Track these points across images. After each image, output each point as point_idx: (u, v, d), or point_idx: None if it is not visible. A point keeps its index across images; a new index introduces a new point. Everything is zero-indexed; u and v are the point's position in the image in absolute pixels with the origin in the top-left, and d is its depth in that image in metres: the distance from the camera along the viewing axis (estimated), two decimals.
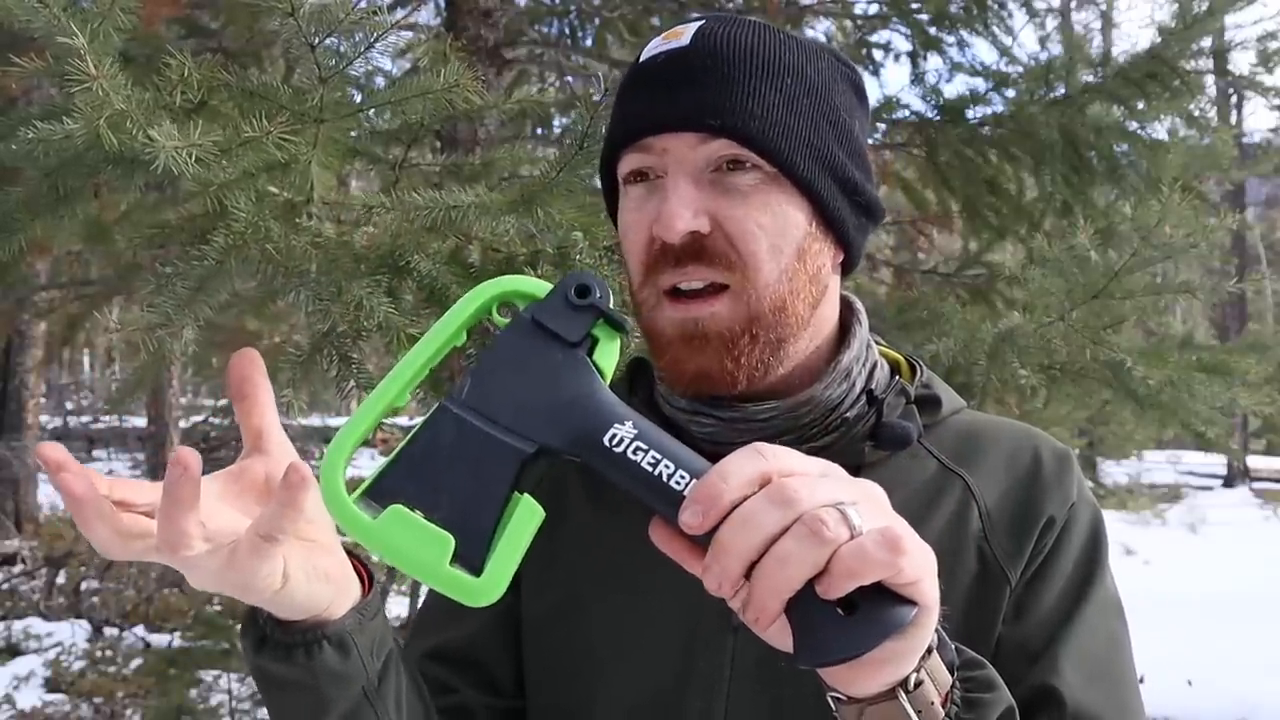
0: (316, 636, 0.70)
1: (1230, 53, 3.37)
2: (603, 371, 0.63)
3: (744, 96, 0.82)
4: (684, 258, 0.81)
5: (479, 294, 0.64)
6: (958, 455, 0.91)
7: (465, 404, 0.60)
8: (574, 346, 0.62)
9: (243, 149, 1.25)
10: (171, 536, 0.58)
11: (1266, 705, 5.32)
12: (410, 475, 0.59)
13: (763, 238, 0.82)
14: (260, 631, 0.72)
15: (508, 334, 0.62)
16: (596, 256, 1.47)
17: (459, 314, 0.63)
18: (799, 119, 0.84)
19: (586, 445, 0.60)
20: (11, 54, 1.33)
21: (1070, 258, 2.52)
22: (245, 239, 1.25)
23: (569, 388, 0.61)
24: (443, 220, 1.38)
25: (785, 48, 0.86)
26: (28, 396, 9.30)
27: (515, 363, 0.61)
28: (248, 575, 0.62)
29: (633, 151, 0.85)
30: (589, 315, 0.62)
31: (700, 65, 0.83)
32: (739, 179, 0.82)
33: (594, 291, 0.63)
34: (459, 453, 0.59)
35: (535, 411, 0.60)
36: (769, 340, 0.84)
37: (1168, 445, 14.05)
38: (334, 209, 1.44)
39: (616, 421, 0.60)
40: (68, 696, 5.23)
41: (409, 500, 0.58)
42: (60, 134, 1.14)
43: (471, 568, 0.58)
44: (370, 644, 0.74)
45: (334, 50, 1.30)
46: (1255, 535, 11.54)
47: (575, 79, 4.40)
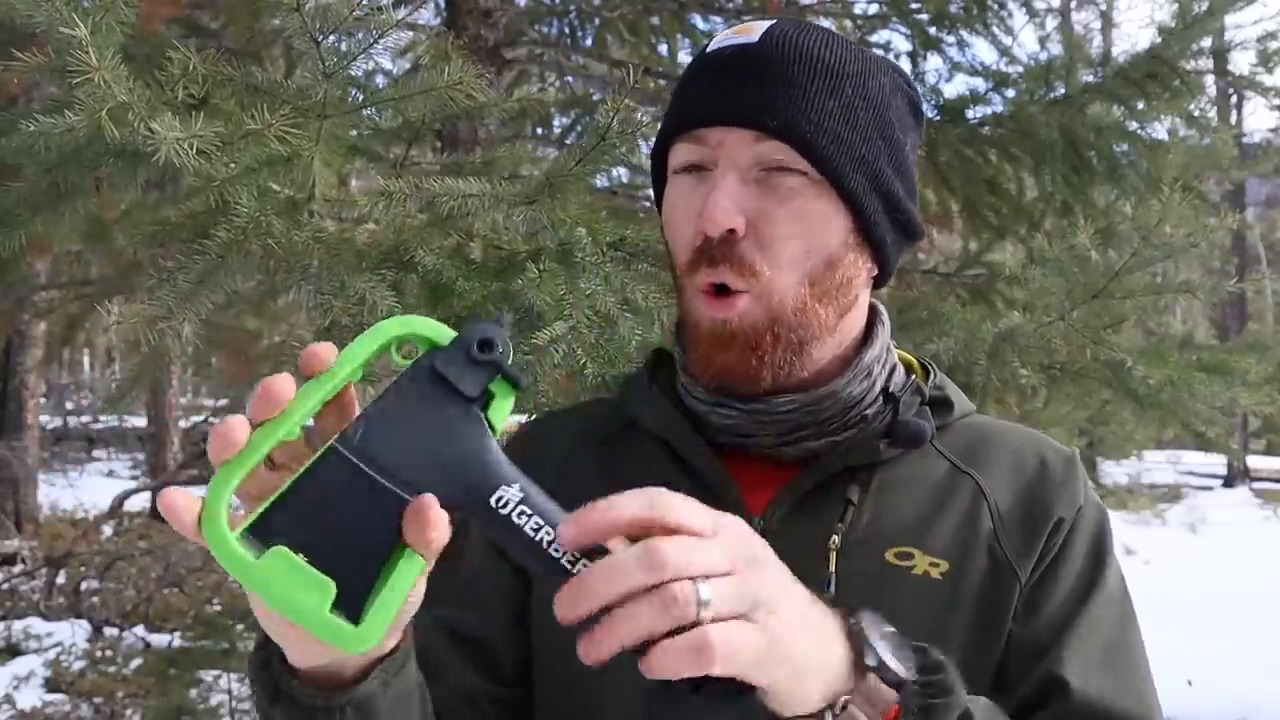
0: (340, 704, 0.67)
1: (1230, 53, 3.37)
2: (495, 428, 0.63)
3: (803, 101, 0.84)
4: (717, 256, 0.84)
5: (380, 332, 0.63)
6: (968, 456, 0.92)
7: (356, 448, 0.59)
8: (470, 401, 0.61)
9: (244, 143, 1.26)
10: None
11: (1266, 705, 5.32)
12: (295, 516, 0.58)
13: (792, 242, 0.84)
14: (273, 683, 0.69)
15: (405, 381, 0.62)
16: (599, 254, 1.47)
17: (359, 350, 0.62)
18: (853, 131, 0.85)
19: (473, 501, 0.61)
20: (12, 50, 1.33)
21: (1070, 258, 2.52)
22: (247, 235, 1.25)
23: (461, 443, 0.61)
24: (449, 214, 1.38)
25: (851, 57, 0.87)
26: (28, 396, 9.29)
27: (410, 411, 0.61)
28: (301, 636, 0.61)
29: (687, 141, 0.87)
30: (488, 370, 0.62)
31: (764, 64, 0.85)
32: (784, 180, 0.84)
33: (497, 347, 0.62)
34: (346, 497, 0.59)
35: (426, 463, 0.60)
36: (790, 341, 0.85)
37: (1168, 445, 14.07)
38: (335, 206, 1.44)
39: (504, 483, 0.61)
40: (68, 696, 5.23)
41: (292, 542, 0.57)
42: (62, 127, 1.14)
43: (351, 615, 0.58)
44: (392, 702, 0.71)
45: (337, 47, 1.31)
46: (1255, 535, 11.55)
47: (575, 79, 4.40)
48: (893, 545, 0.86)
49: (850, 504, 0.87)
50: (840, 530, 0.86)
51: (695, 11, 3.76)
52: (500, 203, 1.36)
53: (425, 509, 0.58)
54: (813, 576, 0.82)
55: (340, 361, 0.61)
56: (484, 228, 1.43)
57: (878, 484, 0.89)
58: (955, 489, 0.90)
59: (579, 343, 1.36)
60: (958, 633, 0.85)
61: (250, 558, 0.57)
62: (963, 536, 0.87)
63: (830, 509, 0.87)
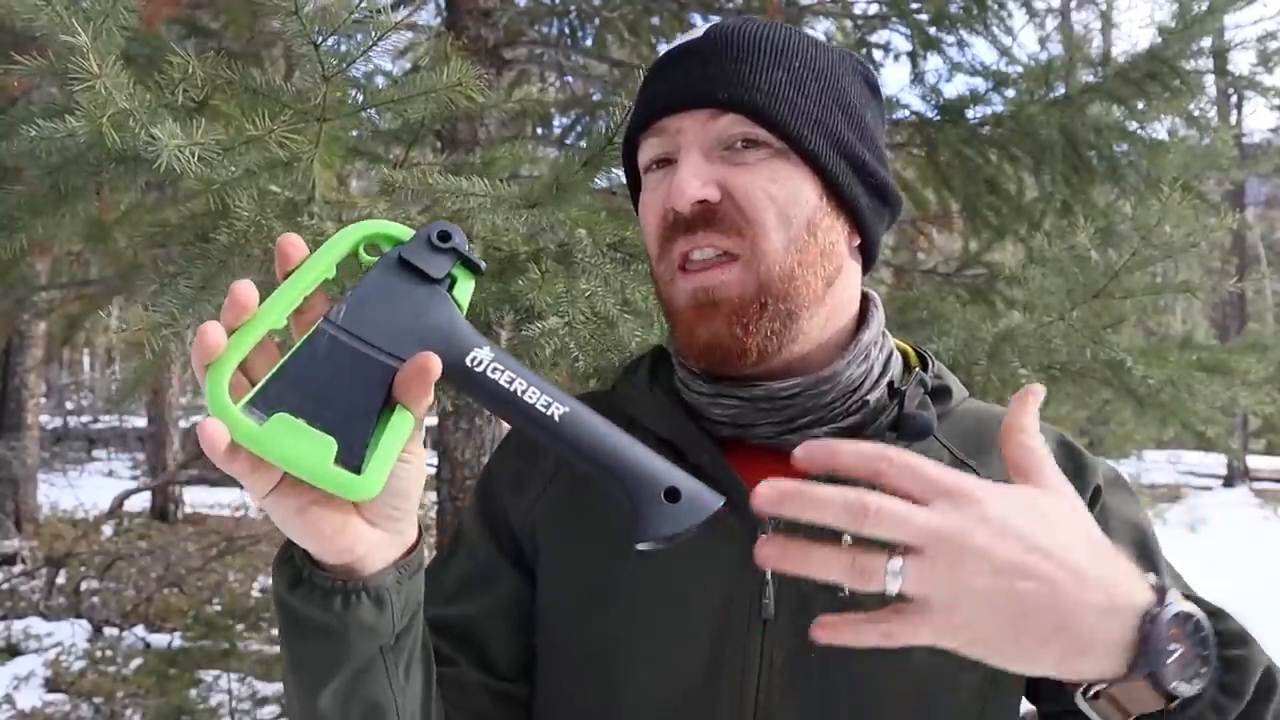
0: (357, 587, 0.70)
1: (1230, 53, 3.37)
2: (461, 306, 0.69)
3: (751, 73, 0.85)
4: (694, 225, 0.84)
5: (349, 234, 0.69)
6: (967, 447, 0.93)
7: (341, 326, 0.66)
8: (437, 283, 0.68)
9: (245, 147, 1.25)
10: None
11: None
12: (292, 386, 0.63)
13: (771, 206, 0.84)
14: (296, 570, 0.71)
15: (378, 268, 0.68)
16: (599, 255, 1.47)
17: (331, 249, 0.68)
18: (806, 98, 0.86)
19: (450, 365, 0.66)
20: (13, 53, 1.33)
21: (1070, 257, 2.52)
22: (248, 238, 1.25)
23: (433, 316, 0.68)
24: (451, 216, 1.38)
25: (793, 37, 0.89)
26: (28, 396, 9.29)
27: (385, 293, 0.67)
28: (324, 530, 0.66)
29: (650, 136, 0.89)
30: (449, 256, 0.69)
31: (710, 51, 0.87)
32: (748, 153, 0.85)
33: (454, 236, 0.69)
34: (337, 367, 0.65)
35: (404, 334, 0.66)
36: (778, 311, 0.85)
37: (1168, 445, 14.06)
38: (335, 208, 1.44)
39: (476, 346, 0.68)
40: (68, 696, 5.23)
41: (292, 409, 0.62)
42: (63, 132, 1.14)
43: (352, 468, 0.63)
44: (403, 603, 0.73)
45: (336, 50, 1.30)
46: (1255, 535, 11.54)
47: (575, 79, 4.40)
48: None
49: None
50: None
51: (695, 11, 3.76)
52: (501, 205, 1.36)
53: (428, 365, 0.64)
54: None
55: (312, 260, 0.67)
56: (483, 229, 1.43)
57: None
58: None
59: (573, 337, 1.37)
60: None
61: (255, 426, 0.61)
62: None
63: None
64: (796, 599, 0.85)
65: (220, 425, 0.60)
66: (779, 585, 0.85)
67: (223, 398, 0.61)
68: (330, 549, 0.68)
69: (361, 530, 0.68)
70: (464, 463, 3.06)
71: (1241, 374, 2.62)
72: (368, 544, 0.68)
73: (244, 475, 0.63)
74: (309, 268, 0.66)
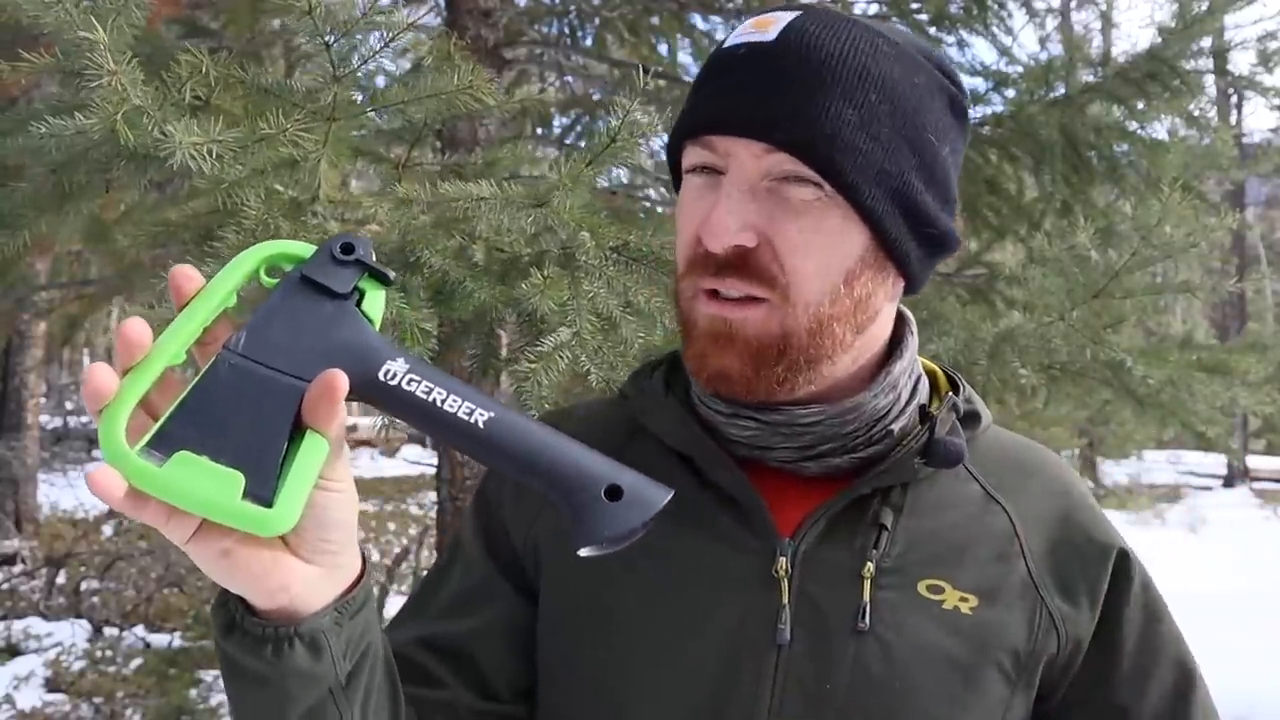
0: (288, 634, 0.66)
1: (1230, 53, 3.37)
2: (371, 320, 0.66)
3: (817, 110, 0.77)
4: (725, 269, 0.79)
5: (247, 257, 0.65)
6: (997, 480, 0.90)
7: (241, 353, 0.62)
8: (343, 298, 0.64)
9: (258, 146, 1.26)
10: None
11: (1266, 705, 5.32)
12: (192, 422, 0.59)
13: (810, 258, 0.78)
14: (229, 616, 0.68)
15: (280, 290, 0.64)
16: (602, 257, 1.47)
17: (229, 276, 0.64)
18: (874, 141, 0.78)
19: (361, 381, 0.63)
20: (19, 50, 1.33)
21: (1070, 257, 2.53)
22: (255, 237, 1.25)
23: (341, 333, 0.64)
24: (456, 216, 1.38)
25: (879, 57, 0.79)
26: (28, 396, 9.28)
27: (288, 314, 0.63)
28: (251, 571, 0.62)
29: (696, 145, 0.82)
30: (355, 269, 0.65)
31: (778, 68, 0.78)
32: (796, 192, 0.78)
33: (357, 249, 0.65)
34: (239, 396, 0.61)
35: (309, 355, 0.62)
36: (797, 361, 0.81)
37: (1168, 445, 14.08)
38: (339, 207, 1.44)
39: (389, 359, 0.64)
40: (68, 696, 5.23)
41: (193, 446, 0.59)
42: (72, 129, 1.14)
43: (262, 501, 0.59)
44: (345, 645, 0.69)
45: (346, 49, 1.30)
46: (1255, 535, 11.54)
47: (575, 79, 4.40)
48: (924, 577, 0.84)
49: (884, 529, 0.84)
50: (874, 557, 0.83)
51: (695, 11, 3.76)
52: (509, 205, 1.36)
53: (333, 382, 0.60)
54: (846, 604, 0.82)
55: (210, 288, 0.63)
56: (487, 230, 1.43)
57: (909, 507, 0.86)
58: (986, 518, 0.87)
59: (582, 348, 1.36)
60: (986, 669, 0.83)
61: (154, 467, 0.58)
62: (993, 572, 0.85)
63: (862, 533, 0.84)
64: (815, 625, 0.82)
65: (112, 473, 0.56)
66: (796, 610, 0.82)
67: (117, 442, 0.57)
68: (261, 590, 0.64)
69: (294, 568, 0.64)
70: (464, 462, 3.06)
71: (1241, 374, 2.62)
72: (302, 582, 0.64)
73: (159, 523, 0.59)
74: (207, 296, 0.62)
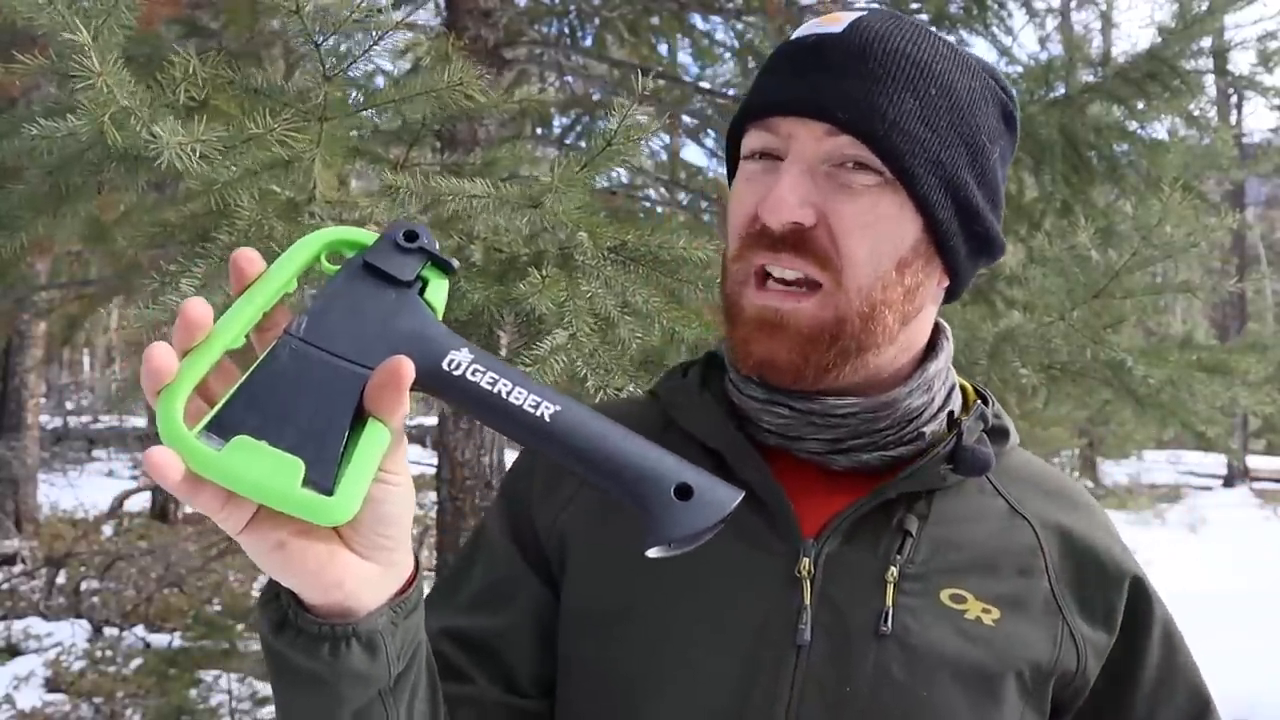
0: (346, 633, 0.64)
1: (1230, 53, 3.37)
2: (434, 309, 0.64)
3: (880, 96, 0.80)
4: (782, 245, 0.80)
5: (310, 242, 0.64)
6: (1021, 497, 0.90)
7: (303, 338, 0.60)
8: (406, 286, 0.63)
9: (246, 146, 1.25)
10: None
11: (1266, 705, 5.32)
12: (252, 407, 0.58)
13: (865, 240, 0.80)
14: (281, 612, 0.65)
15: (341, 275, 0.63)
16: (600, 258, 1.46)
17: (290, 260, 0.63)
18: (932, 132, 0.81)
19: (426, 371, 0.61)
20: (14, 52, 1.33)
21: (1070, 257, 2.53)
22: (248, 237, 1.25)
23: (405, 321, 0.62)
24: (452, 215, 1.38)
25: (938, 56, 0.83)
26: (28, 396, 9.29)
27: (351, 301, 0.62)
28: (307, 565, 0.60)
29: (758, 129, 0.83)
30: (418, 257, 0.64)
31: (844, 55, 0.81)
32: (854, 177, 0.80)
33: (421, 236, 0.64)
34: (301, 382, 0.59)
35: (372, 341, 0.61)
36: (847, 347, 0.82)
37: (1168, 445, 14.09)
38: (335, 207, 1.44)
39: (453, 348, 0.62)
40: (68, 696, 5.23)
41: (253, 431, 0.57)
42: (64, 131, 1.14)
43: (323, 489, 0.57)
44: (400, 645, 0.68)
45: (337, 49, 1.30)
46: (1255, 535, 11.54)
47: (575, 79, 4.40)
48: (947, 586, 0.84)
49: (909, 535, 0.84)
50: (898, 562, 0.83)
51: (695, 11, 3.76)
52: (504, 205, 1.36)
53: (399, 368, 0.58)
54: (868, 608, 0.81)
55: (270, 273, 0.61)
56: (484, 229, 1.43)
57: (933, 516, 0.86)
58: (1010, 533, 0.88)
59: (579, 351, 1.36)
60: (1006, 679, 0.83)
61: (213, 451, 0.56)
62: (1016, 586, 0.85)
63: (886, 538, 0.84)
64: (836, 628, 0.82)
65: (170, 454, 0.54)
66: (817, 611, 0.82)
67: (176, 424, 0.55)
68: (316, 585, 0.62)
69: (350, 563, 0.61)
70: (464, 462, 3.06)
71: (1241, 374, 2.62)
72: (357, 579, 0.62)
73: (214, 510, 0.57)
74: (267, 281, 0.61)
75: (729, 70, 4.28)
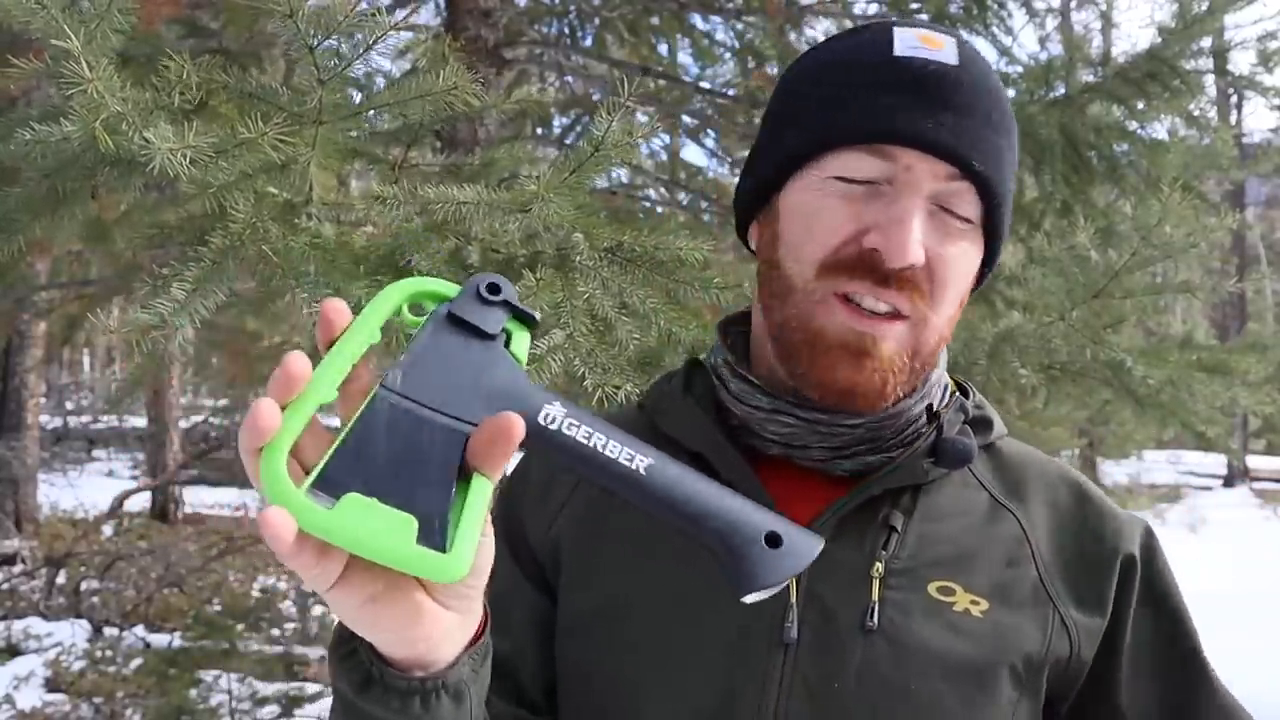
0: (436, 686, 0.65)
1: (1230, 53, 3.37)
2: (520, 361, 0.65)
3: (993, 145, 0.82)
4: (890, 281, 0.80)
5: (391, 294, 0.65)
6: (1007, 488, 0.91)
7: (400, 392, 0.60)
8: (492, 339, 0.64)
9: (240, 150, 1.25)
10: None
11: (1266, 705, 5.32)
12: (357, 463, 0.57)
13: (955, 284, 0.84)
14: (364, 669, 0.65)
15: (429, 328, 0.63)
16: (597, 259, 1.46)
17: (375, 312, 0.63)
18: (1009, 176, 0.85)
19: (526, 426, 0.61)
20: (11, 55, 1.33)
21: (1070, 257, 2.52)
22: (243, 240, 1.25)
23: (496, 374, 0.63)
24: (446, 219, 1.38)
25: (1004, 92, 0.86)
26: (28, 396, 9.30)
27: (441, 354, 0.62)
28: (397, 619, 0.60)
29: (867, 153, 0.81)
30: (502, 310, 0.65)
31: (965, 94, 0.81)
32: (954, 223, 0.82)
33: (503, 289, 0.65)
34: (403, 437, 0.59)
35: (469, 395, 0.61)
36: (917, 373, 0.85)
37: (1168, 445, 14.08)
38: (333, 209, 1.44)
39: (546, 403, 0.63)
40: (68, 696, 5.23)
41: (360, 489, 0.56)
42: (57, 135, 1.14)
43: (436, 546, 0.57)
44: (480, 691, 0.69)
45: (333, 51, 1.30)
46: (1255, 535, 11.54)
47: (575, 79, 4.39)
48: (935, 579, 0.84)
49: (894, 530, 0.85)
50: (883, 557, 0.84)
51: (695, 11, 3.76)
52: (495, 210, 1.36)
53: (511, 426, 0.58)
54: (855, 604, 0.82)
55: (356, 324, 0.62)
56: (481, 231, 1.42)
57: (919, 512, 0.87)
58: (996, 525, 0.88)
59: (576, 351, 1.36)
60: (998, 671, 0.83)
61: (324, 511, 0.55)
62: (1004, 576, 0.86)
63: (872, 534, 0.85)
64: (822, 624, 0.82)
65: (284, 514, 0.53)
66: (804, 609, 0.83)
67: (284, 483, 0.55)
68: (404, 639, 0.62)
69: (437, 615, 0.62)
70: None
71: (1241, 374, 2.61)
72: (442, 630, 0.62)
73: (309, 567, 0.56)
74: (355, 332, 0.61)
75: (729, 70, 4.28)
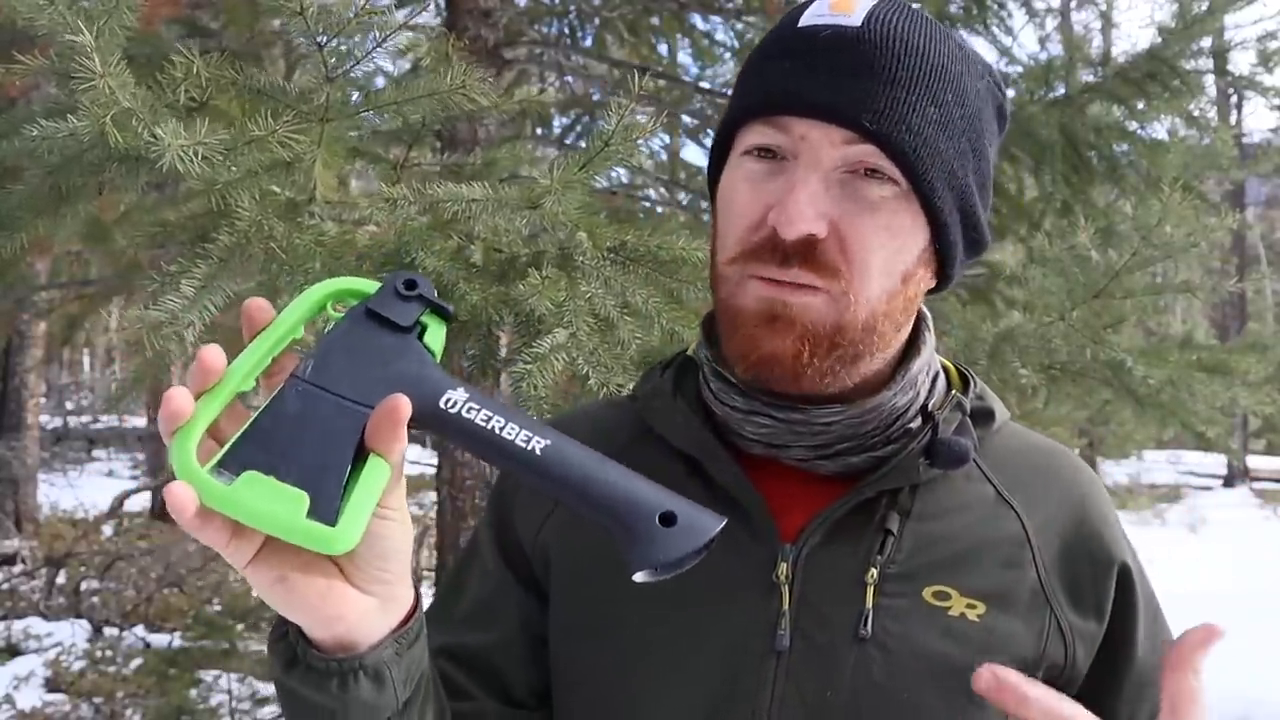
0: (353, 667, 0.67)
1: (1230, 53, 3.37)
2: (433, 352, 0.69)
3: (905, 105, 0.76)
4: (791, 257, 0.76)
5: (315, 291, 0.69)
6: (1010, 481, 0.88)
7: (310, 380, 0.65)
8: (406, 331, 0.68)
9: (247, 148, 1.25)
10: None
11: (1266, 705, 5.32)
12: (260, 445, 0.62)
13: (878, 254, 0.77)
14: (290, 649, 0.68)
15: (345, 322, 0.68)
16: (599, 258, 1.46)
17: (297, 309, 0.67)
18: (949, 141, 0.78)
19: (423, 409, 0.65)
20: (14, 52, 1.33)
21: (1070, 257, 2.53)
22: (249, 238, 1.25)
23: (404, 364, 0.67)
24: (452, 217, 1.38)
25: (951, 55, 0.80)
26: (28, 396, 9.29)
27: (353, 345, 0.67)
28: (309, 598, 0.64)
29: (766, 125, 0.78)
30: (418, 304, 0.69)
31: (866, 54, 0.76)
32: (870, 189, 0.77)
33: (420, 285, 0.69)
34: (306, 421, 0.63)
35: (373, 383, 0.65)
36: (845, 355, 0.79)
37: (1168, 445, 14.08)
38: (336, 208, 1.44)
39: (449, 388, 0.66)
40: (68, 696, 5.23)
41: (262, 467, 0.61)
42: (64, 131, 1.14)
43: (326, 520, 0.61)
44: (405, 674, 0.70)
45: (339, 49, 1.30)
46: (1255, 535, 11.54)
47: (575, 79, 4.40)
48: (930, 583, 0.82)
49: (889, 534, 0.83)
50: (878, 563, 0.82)
51: (695, 11, 3.76)
52: (503, 207, 1.36)
53: (396, 406, 0.62)
54: (848, 610, 0.80)
55: (278, 320, 0.66)
56: (484, 230, 1.43)
57: (917, 510, 0.84)
58: (996, 522, 0.86)
59: (579, 350, 1.36)
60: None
61: (223, 486, 0.60)
62: (1002, 579, 0.84)
63: (867, 538, 0.83)
64: (815, 632, 0.81)
65: (188, 488, 0.58)
66: (796, 616, 0.81)
67: (190, 461, 0.60)
68: (318, 619, 0.65)
69: (350, 596, 0.65)
70: (464, 463, 3.07)
71: (1241, 374, 2.62)
72: (358, 612, 0.65)
73: (221, 544, 0.60)
74: (275, 328, 0.66)
75: (729, 70, 4.28)
